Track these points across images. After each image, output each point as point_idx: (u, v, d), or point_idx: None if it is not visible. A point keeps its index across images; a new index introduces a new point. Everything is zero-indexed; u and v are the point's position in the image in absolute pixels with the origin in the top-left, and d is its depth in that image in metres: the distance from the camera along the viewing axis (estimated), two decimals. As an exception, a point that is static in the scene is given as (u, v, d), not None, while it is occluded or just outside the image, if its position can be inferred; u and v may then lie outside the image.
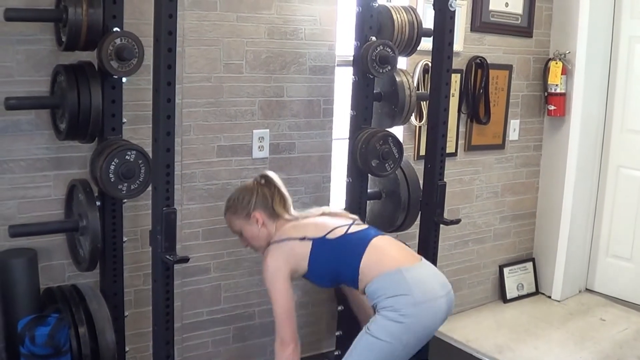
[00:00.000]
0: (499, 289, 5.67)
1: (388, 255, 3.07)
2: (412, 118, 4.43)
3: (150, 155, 2.98)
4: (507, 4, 5.12)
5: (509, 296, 5.66)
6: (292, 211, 3.34)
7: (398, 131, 4.44)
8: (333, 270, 3.15)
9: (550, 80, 5.42)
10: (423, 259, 3.18)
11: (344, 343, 4.04)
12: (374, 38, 3.90)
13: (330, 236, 3.12)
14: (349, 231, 3.13)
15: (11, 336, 3.20)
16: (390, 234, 3.50)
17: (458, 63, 4.87)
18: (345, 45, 4.25)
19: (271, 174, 3.33)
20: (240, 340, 4.22)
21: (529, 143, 5.60)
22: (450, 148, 4.84)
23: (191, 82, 3.75)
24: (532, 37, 5.38)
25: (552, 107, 5.47)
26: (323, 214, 3.36)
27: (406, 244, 3.33)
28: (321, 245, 3.10)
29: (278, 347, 3.07)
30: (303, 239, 3.12)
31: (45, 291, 3.33)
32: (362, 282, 3.06)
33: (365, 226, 3.27)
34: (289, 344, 3.02)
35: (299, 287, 4.36)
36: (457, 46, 4.76)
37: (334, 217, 3.32)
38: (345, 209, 4.11)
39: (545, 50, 5.49)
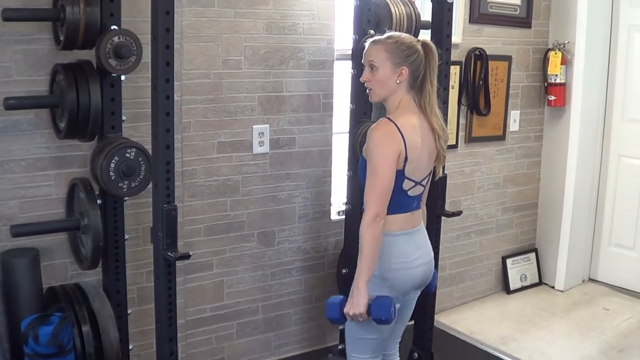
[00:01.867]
0: (502, 280, 5.67)
1: (400, 220, 3.04)
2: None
3: (150, 152, 2.98)
4: (505, -5, 5.12)
5: (512, 287, 5.66)
6: (428, 96, 3.01)
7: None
8: None
9: (549, 71, 5.41)
10: (422, 222, 3.15)
11: (348, 337, 4.06)
12: (372, 31, 3.89)
13: (405, 183, 2.95)
14: (409, 191, 2.99)
15: (15, 336, 3.21)
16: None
17: (457, 55, 4.87)
18: (343, 39, 4.25)
19: (434, 46, 3.03)
20: (243, 335, 4.23)
21: (530, 134, 5.60)
22: (450, 140, 4.84)
23: (190, 79, 3.74)
24: (531, 27, 5.37)
25: (552, 98, 5.46)
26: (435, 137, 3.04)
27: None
28: (397, 176, 2.97)
29: (372, 219, 2.81)
30: (406, 156, 2.90)
31: (48, 290, 3.34)
32: None
33: (420, 191, 3.07)
34: (383, 217, 2.85)
35: (302, 281, 4.37)
36: (456, 38, 4.76)
37: (424, 160, 3.03)
38: (346, 203, 4.12)
39: (544, 41, 5.48)
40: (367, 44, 3.03)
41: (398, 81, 2.94)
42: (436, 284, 3.34)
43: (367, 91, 3.06)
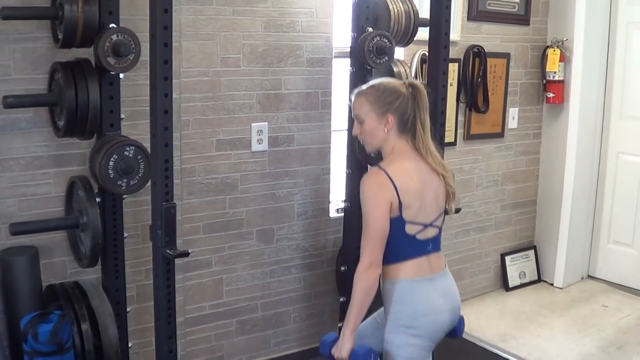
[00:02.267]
0: (501, 277, 5.68)
1: (416, 265, 2.94)
2: (411, 108, 4.42)
3: (149, 150, 2.98)
4: (503, -8, 5.13)
5: (511, 284, 5.66)
6: (421, 137, 2.95)
7: (397, 122, 4.44)
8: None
9: (548, 68, 5.41)
10: (445, 267, 3.06)
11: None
12: (370, 29, 3.90)
13: (408, 227, 2.88)
14: (418, 235, 2.90)
15: (14, 334, 3.21)
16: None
17: (455, 52, 4.87)
18: (342, 36, 4.25)
19: (421, 86, 2.96)
20: (243, 333, 4.23)
21: (529, 131, 5.60)
22: (449, 137, 4.85)
23: (188, 77, 3.75)
24: (529, 24, 5.37)
25: (550, 95, 5.46)
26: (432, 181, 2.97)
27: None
28: (396, 222, 2.87)
29: (365, 269, 2.81)
30: (399, 202, 2.83)
31: (47, 288, 3.34)
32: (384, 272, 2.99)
33: (433, 233, 2.98)
34: (377, 267, 2.83)
35: (301, 279, 4.38)
36: (454, 35, 4.77)
37: (428, 202, 2.95)
38: (345, 201, 4.12)
39: (542, 38, 5.49)
40: (352, 97, 3.01)
41: (386, 130, 2.90)
42: (463, 329, 3.24)
43: (361, 142, 3.05)
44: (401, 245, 2.88)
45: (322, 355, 3.07)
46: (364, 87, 2.98)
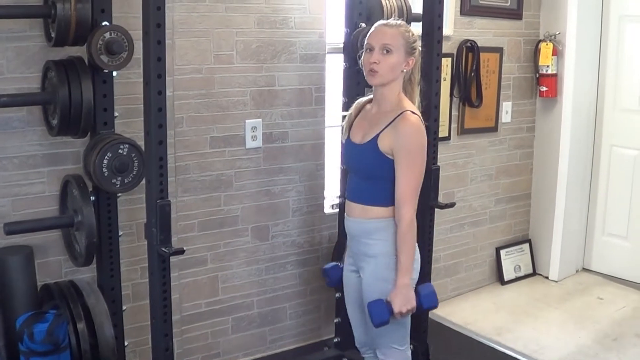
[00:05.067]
0: (496, 271, 5.68)
1: None
2: (405, 103, 4.42)
3: (143, 148, 2.98)
4: (496, -13, 5.13)
5: (506, 278, 5.67)
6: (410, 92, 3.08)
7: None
8: None
9: (541, 62, 5.41)
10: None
11: (343, 330, 4.06)
12: (363, 24, 3.90)
13: None
14: None
15: (10, 333, 3.20)
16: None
17: (448, 47, 4.87)
18: (335, 32, 4.25)
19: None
20: (239, 330, 4.23)
21: (522, 125, 5.61)
22: (443, 132, 4.84)
23: (182, 74, 3.74)
24: (521, 19, 5.37)
25: (543, 88, 5.47)
26: None
27: None
28: None
29: (412, 217, 2.91)
30: None
31: (43, 288, 3.34)
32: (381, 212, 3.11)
33: None
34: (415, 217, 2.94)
35: (296, 275, 4.38)
36: (447, 30, 4.76)
37: None
38: (340, 197, 4.13)
39: (535, 32, 5.49)
40: (379, 26, 3.03)
41: (404, 70, 2.98)
42: None
43: (368, 71, 3.03)
44: None
45: (382, 324, 2.97)
46: (400, 22, 3.04)
